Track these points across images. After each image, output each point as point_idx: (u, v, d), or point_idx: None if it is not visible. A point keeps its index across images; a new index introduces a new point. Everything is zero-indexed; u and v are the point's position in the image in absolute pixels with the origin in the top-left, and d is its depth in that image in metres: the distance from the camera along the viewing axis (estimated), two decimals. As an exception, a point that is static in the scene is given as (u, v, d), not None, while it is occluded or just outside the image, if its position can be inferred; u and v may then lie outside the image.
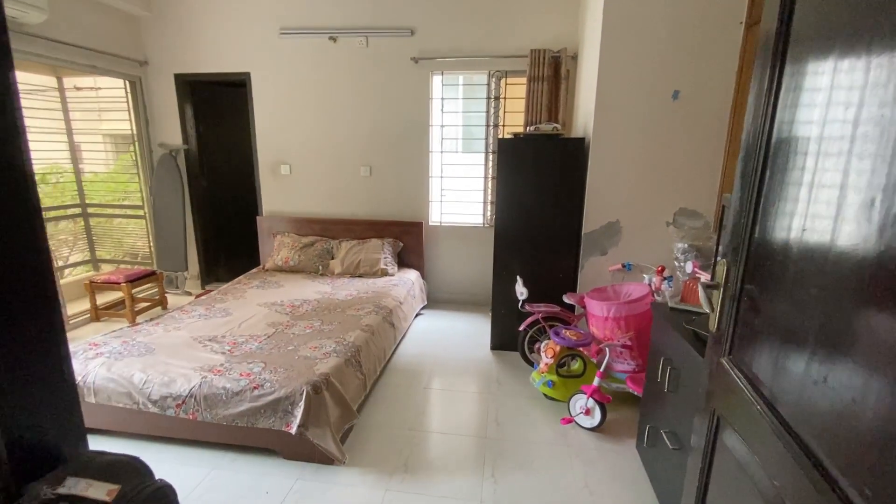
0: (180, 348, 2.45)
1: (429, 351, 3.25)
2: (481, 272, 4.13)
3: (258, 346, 2.50)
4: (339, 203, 4.28)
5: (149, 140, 4.38)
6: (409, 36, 3.83)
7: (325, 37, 3.92)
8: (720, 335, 1.13)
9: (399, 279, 3.79)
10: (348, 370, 2.35)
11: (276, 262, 4.08)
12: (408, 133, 4.03)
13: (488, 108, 3.96)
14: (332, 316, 2.97)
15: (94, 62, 3.75)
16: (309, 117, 4.13)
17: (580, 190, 2.93)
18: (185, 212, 4.37)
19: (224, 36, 4.06)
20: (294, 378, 2.13)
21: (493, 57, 3.76)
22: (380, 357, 2.80)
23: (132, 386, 2.15)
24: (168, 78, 4.22)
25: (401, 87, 3.94)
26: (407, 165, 4.09)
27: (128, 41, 4.07)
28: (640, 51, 2.65)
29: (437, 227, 4.19)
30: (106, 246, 4.90)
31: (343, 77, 4.00)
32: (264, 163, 4.32)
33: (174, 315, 2.97)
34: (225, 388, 2.09)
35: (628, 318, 2.33)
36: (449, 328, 3.69)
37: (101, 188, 4.81)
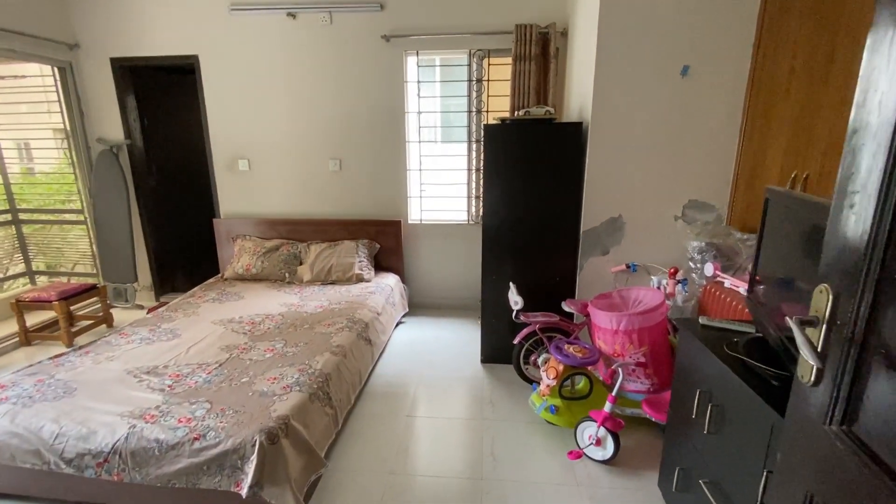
0: (109, 386, 2.02)
1: (411, 368, 2.88)
2: (468, 273, 3.77)
3: (206, 379, 2.09)
4: (306, 202, 3.84)
5: (85, 135, 3.85)
6: (379, 10, 3.39)
7: (283, 13, 3.45)
8: (824, 394, 0.79)
9: (376, 285, 3.40)
10: (314, 407, 1.97)
11: (237, 269, 3.63)
12: (381, 122, 3.61)
13: (470, 92, 3.56)
14: (297, 335, 2.57)
15: (11, 45, 3.20)
16: (268, 105, 3.66)
17: (578, 182, 2.58)
18: (132, 215, 3.87)
19: (166, 13, 3.54)
20: (245, 424, 1.73)
21: (475, 34, 3.36)
22: (354, 382, 2.42)
23: (41, 442, 1.72)
24: (104, 63, 3.68)
25: (371, 69, 3.51)
26: (381, 158, 3.68)
27: (54, 21, 3.52)
28: (643, 22, 2.30)
29: (417, 226, 3.80)
30: (46, 256, 4.35)
31: (305, 59, 3.54)
32: (219, 158, 3.84)
33: (110, 340, 2.52)
34: (158, 441, 1.68)
35: (642, 332, 2.00)
36: (434, 339, 3.32)
37: (36, 191, 4.25)
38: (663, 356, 2.06)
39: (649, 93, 2.37)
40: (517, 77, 3.27)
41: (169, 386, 2.03)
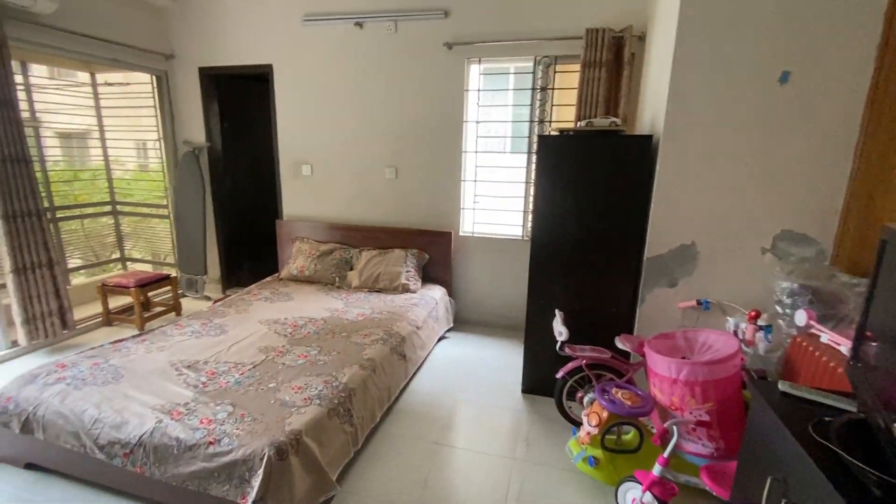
0: (151, 377, 2.11)
1: (447, 389, 2.73)
2: (517, 292, 3.54)
3: (237, 380, 2.11)
4: (361, 208, 3.87)
5: (174, 137, 4.21)
6: (443, 18, 3.33)
7: (351, 23, 3.51)
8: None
9: (421, 297, 3.31)
10: (332, 423, 1.89)
11: (292, 270, 3.74)
12: (439, 130, 3.53)
13: (533, 101, 3.37)
14: (333, 342, 2.54)
15: (115, 55, 3.59)
16: (332, 112, 3.75)
17: (643, 202, 2.29)
18: (207, 213, 4.16)
19: (247, 25, 3.78)
20: (259, 434, 1.70)
21: (541, 40, 3.16)
22: (382, 399, 2.33)
23: (81, 425, 1.82)
24: (193, 72, 4.02)
25: (432, 77, 3.45)
26: (436, 167, 3.60)
27: (155, 34, 3.90)
28: (733, 20, 1.97)
29: (469, 238, 3.66)
30: (137, 246, 4.84)
31: (369, 67, 3.58)
32: (285, 162, 4.00)
33: (165, 330, 2.67)
34: (178, 440, 1.70)
35: (707, 385, 1.68)
36: (475, 359, 3.14)
37: (132, 187, 4.74)
38: (733, 417, 1.71)
39: (737, 102, 2.03)
40: (585, 85, 3.02)
41: (203, 383, 2.08)
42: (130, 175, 4.73)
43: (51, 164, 3.98)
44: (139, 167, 4.75)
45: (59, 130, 4.53)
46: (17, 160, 2.84)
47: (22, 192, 2.88)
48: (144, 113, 4.23)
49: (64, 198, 4.24)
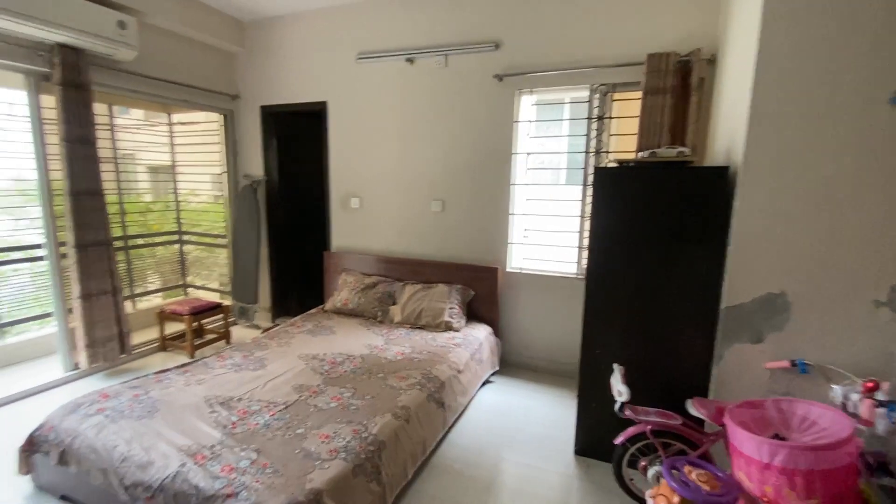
0: (185, 413, 2.07)
1: (490, 444, 2.48)
2: (571, 335, 3.25)
3: (266, 422, 2.01)
4: (407, 241, 3.80)
5: (236, 171, 4.43)
6: (493, 50, 3.26)
7: (403, 59, 3.55)
8: None
9: (464, 337, 3.11)
10: (357, 482, 1.72)
11: (336, 303, 3.70)
12: (487, 163, 3.41)
13: (589, 131, 3.16)
14: (368, 384, 2.40)
15: (187, 97, 3.85)
16: (381, 146, 3.77)
17: (719, 242, 1.98)
18: (261, 243, 4.28)
19: (305, 65, 3.95)
20: (277, 490, 1.56)
21: (598, 67, 2.99)
22: (415, 453, 2.13)
23: (110, 462, 1.79)
24: (255, 110, 4.24)
25: (481, 109, 3.37)
26: (484, 200, 3.46)
27: (223, 76, 4.18)
28: (832, 32, 1.69)
29: (517, 275, 3.44)
30: (200, 273, 5.09)
31: (419, 101, 3.57)
32: (336, 195, 4.05)
33: (207, 362, 2.67)
34: (196, 489, 1.61)
35: (812, 476, 1.33)
36: (522, 410, 2.86)
37: (199, 217, 5.02)
38: (850, 520, 1.34)
39: (835, 126, 1.71)
40: (647, 113, 2.78)
41: (233, 423, 2.00)
42: (197, 207, 5.03)
43: (132, 196, 4.31)
44: (209, 199, 5.04)
45: (140, 166, 4.94)
46: (91, 193, 3.06)
47: (94, 224, 3.08)
48: (212, 149, 4.51)
49: (141, 227, 4.56)
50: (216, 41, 3.92)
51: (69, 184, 2.95)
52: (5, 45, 2.71)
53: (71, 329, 3.14)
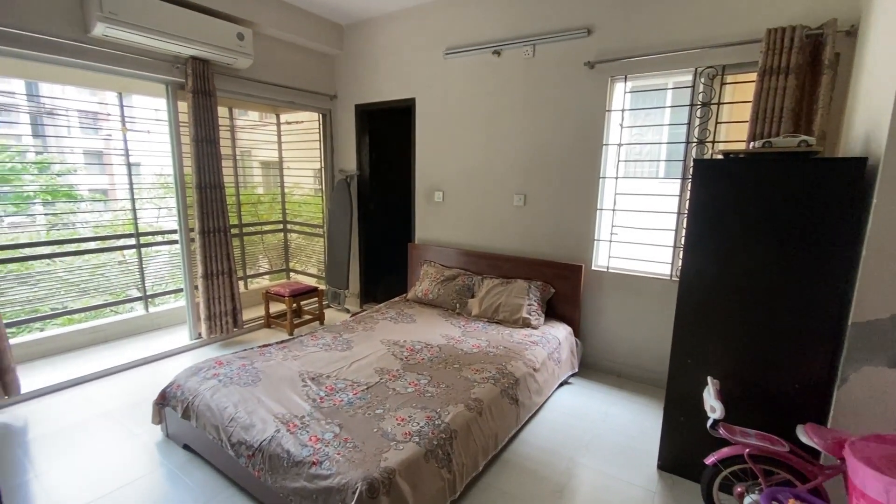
0: (281, 384, 2.31)
1: (565, 446, 2.41)
2: (660, 341, 3.02)
3: (349, 400, 2.16)
4: (487, 235, 3.80)
5: (332, 167, 4.78)
6: (585, 37, 3.10)
7: (489, 52, 3.53)
8: None
9: (542, 335, 3.04)
10: (428, 467, 1.78)
11: (417, 293, 3.84)
12: (574, 155, 3.27)
13: (691, 119, 2.88)
14: (444, 374, 2.46)
15: (293, 98, 4.23)
16: (465, 140, 3.80)
17: (849, 246, 1.69)
18: (353, 234, 4.58)
19: (395, 64, 4.10)
20: (356, 464, 1.68)
21: (704, 48, 2.70)
22: (486, 447, 2.14)
23: (221, 420, 2.06)
24: (350, 109, 4.52)
25: (570, 99, 3.23)
26: (569, 194, 3.33)
27: (323, 78, 4.51)
28: None
29: (603, 274, 3.26)
30: (300, 259, 5.60)
31: (504, 94, 3.53)
32: (420, 189, 4.18)
33: (303, 340, 2.94)
34: (288, 453, 1.79)
35: (964, 535, 1.09)
36: (601, 415, 2.73)
37: (300, 209, 5.52)
38: None
39: None
40: (764, 97, 2.44)
41: (320, 398, 2.18)
42: (299, 199, 5.52)
43: (246, 188, 4.88)
44: (309, 192, 5.51)
45: (253, 161, 5.55)
46: (214, 187, 3.51)
47: (215, 213, 3.54)
48: (313, 146, 4.91)
49: (252, 216, 5.14)
50: (319, 46, 4.24)
51: (197, 178, 3.43)
52: (152, 61, 3.20)
53: (196, 303, 3.66)
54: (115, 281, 4.08)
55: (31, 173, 5.21)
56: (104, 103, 5.79)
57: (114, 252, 4.12)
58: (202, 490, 2.05)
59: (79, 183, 6.00)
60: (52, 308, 3.79)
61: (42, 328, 3.74)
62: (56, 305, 3.82)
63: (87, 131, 6.14)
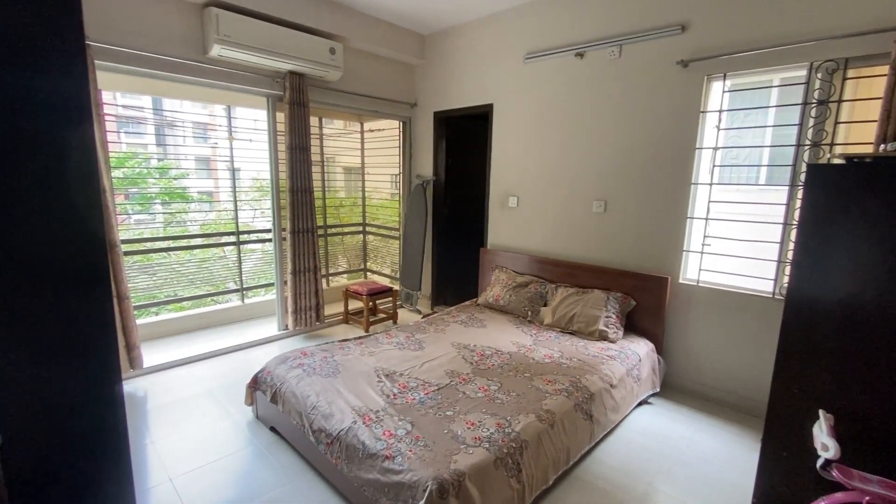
0: (358, 378, 2.42)
1: (643, 469, 2.25)
2: (759, 366, 2.73)
3: (421, 399, 2.21)
4: (563, 242, 3.69)
5: (410, 172, 4.94)
6: (678, 34, 2.91)
7: (572, 54, 3.44)
8: None
9: (620, 350, 2.88)
10: (497, 474, 1.76)
11: (488, 298, 3.83)
12: (662, 160, 3.07)
13: (804, 120, 2.57)
14: (514, 382, 2.43)
15: (377, 108, 4.45)
16: (542, 145, 3.73)
17: None
18: (426, 237, 4.69)
19: (474, 70, 4.15)
20: (427, 463, 1.71)
21: (822, 40, 2.41)
22: (558, 461, 2.07)
23: (304, 407, 2.21)
24: (428, 116, 4.64)
25: (659, 100, 3.05)
26: (655, 201, 3.13)
27: (405, 87, 4.69)
28: None
29: (692, 288, 3.02)
30: (377, 260, 5.86)
31: (586, 97, 3.42)
32: (495, 194, 4.18)
33: (378, 338, 3.06)
34: (363, 445, 1.87)
35: None
36: (685, 440, 2.52)
37: (378, 212, 5.77)
38: None
39: None
40: (898, 92, 2.12)
41: (393, 395, 2.26)
42: (378, 203, 5.78)
43: (330, 192, 5.21)
44: (387, 196, 5.75)
45: (338, 167, 5.92)
46: (305, 191, 3.79)
47: (305, 215, 3.82)
48: (392, 152, 5.12)
49: (334, 218, 5.48)
50: (402, 56, 4.42)
51: (290, 182, 3.72)
52: (256, 76, 3.54)
53: (284, 297, 3.97)
54: (216, 273, 4.56)
55: (153, 177, 6.02)
56: (213, 115, 6.54)
57: (216, 248, 4.61)
58: (285, 471, 2.20)
59: (190, 186, 6.81)
60: (167, 295, 4.32)
61: (157, 312, 4.28)
62: (170, 293, 4.36)
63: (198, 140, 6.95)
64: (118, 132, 5.27)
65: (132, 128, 5.50)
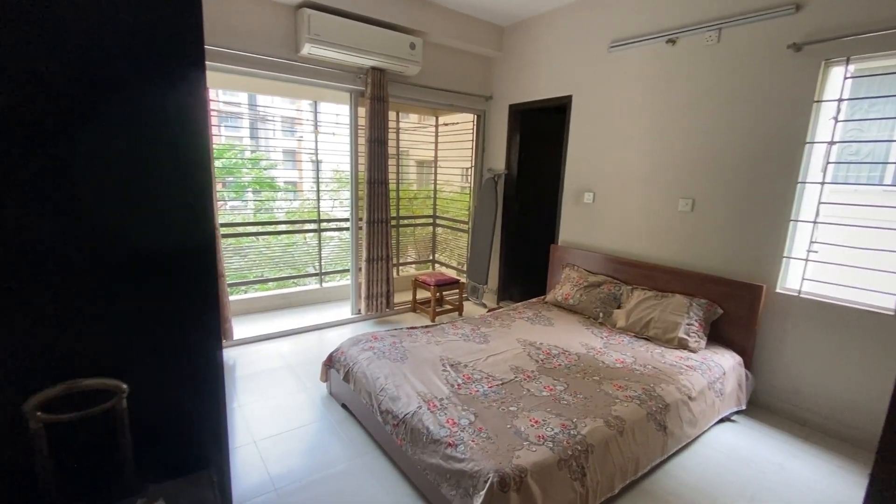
0: (424, 366, 2.48)
1: (721, 493, 2.08)
2: (870, 392, 2.39)
3: (484, 392, 2.22)
4: (642, 242, 3.48)
5: (482, 166, 4.93)
6: (791, 13, 2.59)
7: (662, 41, 3.21)
8: None
9: (702, 360, 2.67)
10: (560, 475, 1.72)
11: (557, 296, 3.73)
12: (763, 154, 2.78)
13: (949, 110, 2.19)
14: (582, 384, 2.35)
15: (452, 101, 4.49)
16: (625, 138, 3.53)
17: None
18: (495, 231, 4.67)
19: (553, 62, 4.03)
20: (488, 455, 1.72)
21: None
22: (626, 470, 1.97)
23: (373, 388, 2.32)
24: (503, 109, 4.59)
25: (763, 88, 2.75)
26: (752, 201, 2.84)
27: (481, 80, 4.68)
28: None
29: (792, 299, 2.71)
30: (445, 252, 5.95)
31: (675, 86, 3.18)
32: (569, 189, 4.04)
33: (444, 328, 3.11)
34: (427, 430, 1.92)
35: None
36: (774, 467, 2.28)
37: (448, 205, 5.85)
38: None
39: None
40: None
41: (458, 384, 2.29)
42: (448, 196, 5.86)
43: (404, 185, 5.38)
44: (457, 189, 5.81)
45: (411, 160, 6.07)
46: (381, 182, 3.94)
47: (380, 206, 3.98)
48: (464, 146, 5.14)
49: (406, 210, 5.64)
50: (480, 49, 4.40)
51: (368, 174, 3.89)
52: (341, 73, 3.73)
53: (358, 283, 4.17)
54: (298, 258, 4.91)
55: (247, 168, 6.60)
56: (300, 110, 7.01)
57: (299, 234, 4.95)
58: (354, 446, 2.33)
59: (277, 176, 7.36)
60: (255, 276, 4.73)
61: (245, 291, 4.70)
62: (258, 274, 4.77)
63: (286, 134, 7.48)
64: (219, 126, 5.84)
65: (230, 122, 6.07)
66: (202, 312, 1.27)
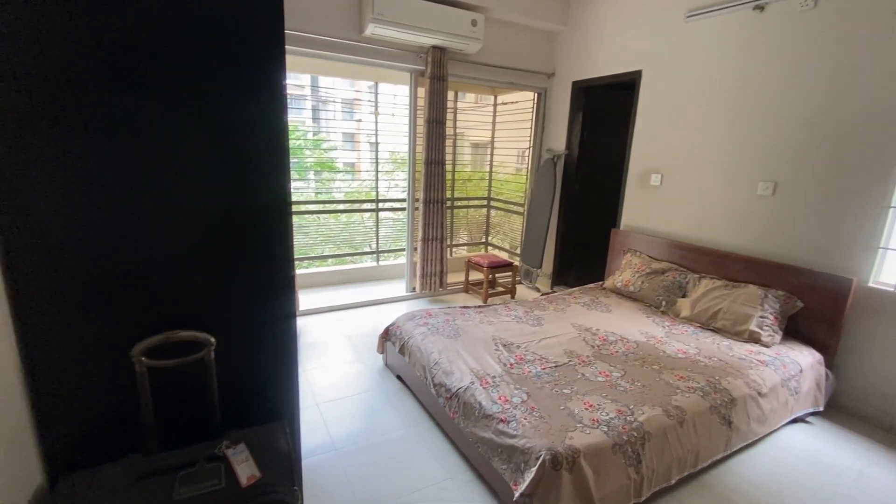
0: (476, 344, 2.52)
1: (790, 495, 1.95)
2: (982, 403, 2.12)
3: (537, 373, 2.22)
4: (714, 228, 3.26)
5: (540, 146, 4.81)
6: (910, -31, 2.27)
7: (749, 7, 2.93)
8: None
9: (776, 356, 2.48)
10: (614, 459, 1.70)
11: (616, 282, 3.60)
12: (857, 133, 2.48)
13: None
14: (640, 372, 2.28)
15: (512, 79, 4.39)
16: (698, 115, 3.29)
17: None
18: (552, 214, 4.57)
19: (623, 35, 3.80)
20: (541, 433, 1.73)
21: None
22: (684, 461, 1.91)
23: (427, 362, 2.39)
24: (566, 87, 4.42)
25: (864, 58, 2.44)
26: (842, 185, 2.56)
27: (542, 56, 4.52)
28: None
29: (887, 295, 2.44)
30: (499, 234, 5.92)
31: (761, 58, 2.90)
32: (634, 171, 3.85)
33: (497, 309, 3.12)
34: (479, 405, 1.96)
35: None
36: (853, 472, 2.10)
37: (504, 187, 5.78)
38: None
39: None
40: None
41: (510, 364, 2.31)
42: (504, 177, 5.78)
43: (459, 166, 5.37)
44: (513, 171, 5.72)
45: (466, 141, 6.04)
46: (438, 163, 3.97)
47: (436, 186, 4.01)
48: (523, 126, 5.03)
49: (461, 191, 5.65)
50: (543, 24, 4.24)
51: (425, 155, 3.93)
52: (402, 52, 3.76)
53: (413, 262, 4.27)
54: (355, 236, 5.10)
55: (309, 149, 6.88)
56: (359, 91, 7.16)
57: (357, 213, 5.12)
58: (408, 416, 2.43)
59: (337, 157, 7.61)
60: (316, 252, 4.98)
61: (308, 266, 4.96)
62: (319, 250, 5.01)
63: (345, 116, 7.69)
64: (286, 108, 6.10)
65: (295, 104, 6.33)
66: (281, 282, 1.38)
